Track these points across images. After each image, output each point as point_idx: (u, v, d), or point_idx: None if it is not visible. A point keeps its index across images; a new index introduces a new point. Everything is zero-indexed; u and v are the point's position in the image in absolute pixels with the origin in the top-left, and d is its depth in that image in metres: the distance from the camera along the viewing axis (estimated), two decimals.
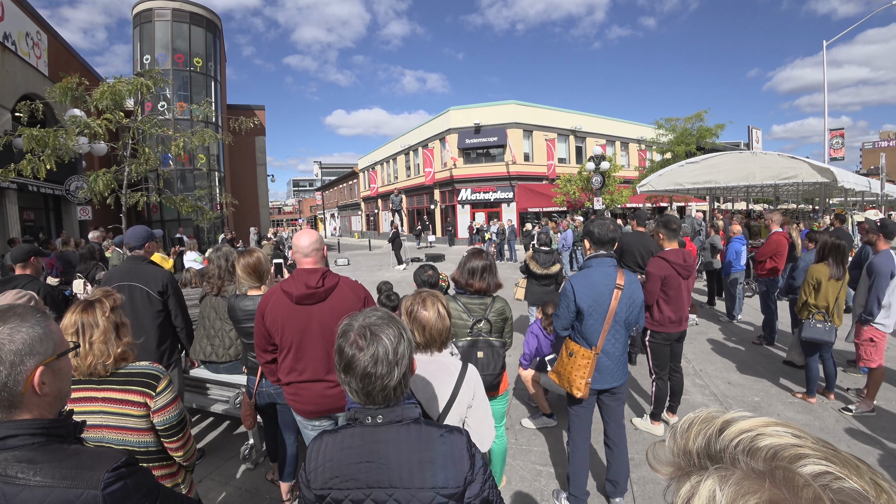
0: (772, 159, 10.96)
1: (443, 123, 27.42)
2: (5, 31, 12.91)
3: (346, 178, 50.92)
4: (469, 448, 1.23)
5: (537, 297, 5.62)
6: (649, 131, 23.62)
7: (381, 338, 1.20)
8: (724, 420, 0.54)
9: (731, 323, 7.47)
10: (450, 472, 1.17)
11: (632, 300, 2.82)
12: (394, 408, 1.22)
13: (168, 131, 11.24)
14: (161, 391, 1.77)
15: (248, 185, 29.66)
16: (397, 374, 1.19)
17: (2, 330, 0.93)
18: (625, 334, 2.88)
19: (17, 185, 12.29)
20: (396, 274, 14.90)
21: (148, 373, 1.78)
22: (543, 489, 3.25)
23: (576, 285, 2.76)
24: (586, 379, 2.79)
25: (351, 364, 1.18)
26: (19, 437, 0.92)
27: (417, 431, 1.21)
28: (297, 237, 2.43)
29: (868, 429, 3.93)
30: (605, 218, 2.98)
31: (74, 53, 18.06)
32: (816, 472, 0.45)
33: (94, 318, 1.77)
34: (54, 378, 1.00)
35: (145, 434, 1.76)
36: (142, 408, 1.73)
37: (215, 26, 24.75)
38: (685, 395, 4.68)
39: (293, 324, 2.32)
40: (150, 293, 3.29)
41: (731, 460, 0.50)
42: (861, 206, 18.02)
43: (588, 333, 2.79)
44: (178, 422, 1.81)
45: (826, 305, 4.27)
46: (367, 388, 1.18)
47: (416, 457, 1.17)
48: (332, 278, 2.38)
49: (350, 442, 1.20)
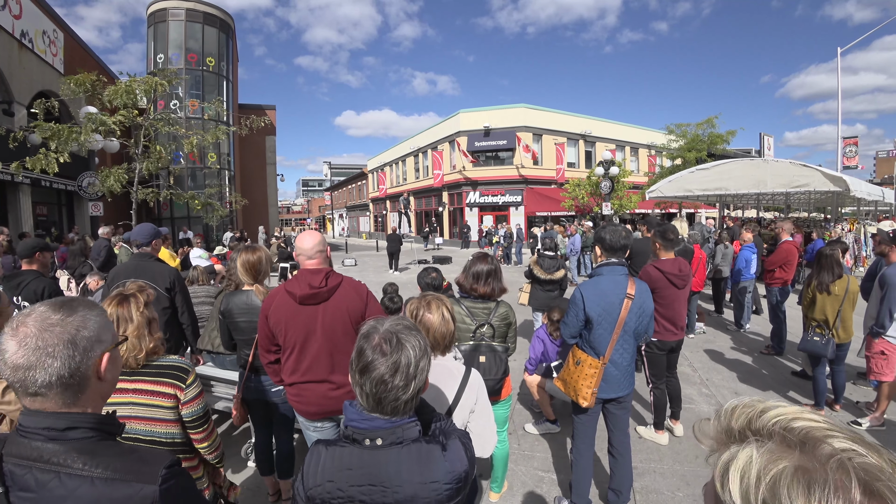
0: (783, 167, 10.84)
1: (453, 126, 27.45)
2: (23, 28, 13.12)
3: (355, 178, 51.12)
4: (467, 451, 1.25)
5: (541, 303, 5.59)
6: (659, 137, 23.51)
7: (405, 347, 1.16)
8: (765, 406, 0.63)
9: (739, 332, 7.37)
10: (453, 486, 1.18)
11: (642, 310, 2.78)
12: (394, 428, 1.17)
13: (180, 129, 11.36)
14: (190, 384, 1.86)
15: (258, 184, 29.86)
16: (413, 387, 1.16)
17: (75, 318, 0.97)
18: (633, 344, 2.84)
19: (30, 180, 12.46)
20: (402, 276, 14.90)
21: (178, 366, 1.87)
22: (545, 495, 3.22)
23: (585, 293, 2.73)
24: (592, 388, 2.75)
25: (369, 368, 1.15)
26: (81, 430, 0.95)
27: (418, 451, 1.17)
28: (300, 239, 2.42)
29: (878, 443, 3.86)
30: (617, 224, 2.96)
31: (90, 51, 18.31)
32: (842, 447, 0.53)
33: (129, 313, 1.85)
34: (113, 366, 1.06)
35: (172, 425, 1.84)
36: (172, 399, 1.80)
37: (228, 26, 24.98)
38: (691, 405, 4.64)
39: (297, 324, 2.32)
40: (158, 290, 3.31)
41: (768, 435, 0.58)
42: (874, 216, 17.76)
43: (596, 343, 2.75)
44: (203, 413, 1.90)
45: (824, 319, 4.23)
46: (380, 395, 1.15)
47: (419, 478, 1.14)
48: (335, 278, 2.38)
49: (349, 462, 1.17)
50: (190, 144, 10.74)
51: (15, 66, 12.81)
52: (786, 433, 0.56)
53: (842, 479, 0.50)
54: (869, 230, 11.60)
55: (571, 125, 28.10)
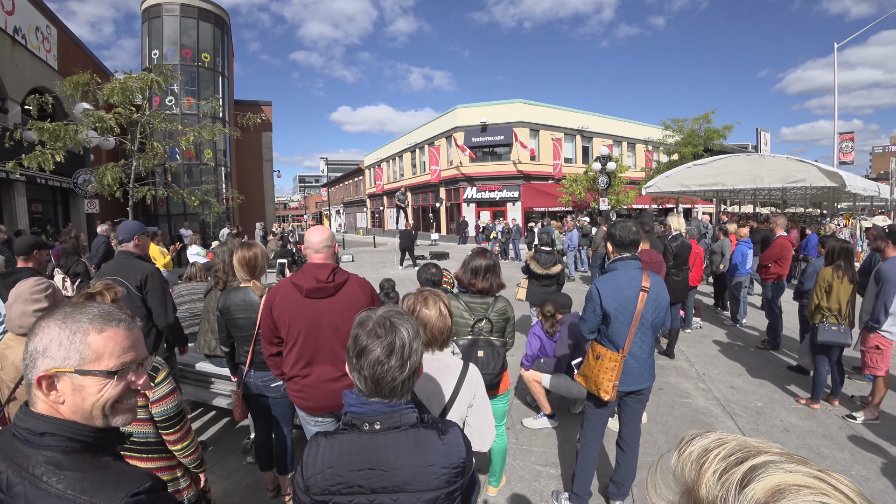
0: (780, 162, 10.88)
1: (449, 121, 27.39)
2: (15, 24, 12.99)
3: (351, 174, 50.99)
4: (464, 441, 1.28)
5: (538, 298, 5.61)
6: (656, 132, 23.50)
7: (399, 330, 1.22)
8: (750, 467, 0.43)
9: (735, 327, 7.42)
10: (450, 471, 1.21)
11: (658, 302, 2.81)
12: (392, 413, 1.21)
13: (177, 126, 11.29)
14: (159, 382, 1.81)
15: (255, 181, 29.76)
16: (408, 368, 1.21)
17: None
18: (651, 336, 2.87)
19: (25, 178, 12.37)
20: (400, 272, 14.90)
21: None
22: (543, 490, 3.24)
23: (601, 289, 2.76)
24: (613, 382, 2.78)
25: (365, 351, 1.19)
26: (57, 437, 0.90)
27: (416, 436, 1.21)
28: (309, 233, 2.45)
29: (872, 437, 3.90)
30: (627, 220, 2.98)
31: (84, 48, 18.14)
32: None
33: None
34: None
35: (144, 424, 1.81)
36: (140, 398, 1.74)
37: (223, 22, 24.80)
38: (687, 399, 4.68)
39: (301, 316, 2.33)
40: (130, 288, 3.23)
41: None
42: (870, 211, 17.85)
43: (615, 336, 2.78)
44: (176, 414, 1.85)
45: (838, 307, 4.29)
46: (378, 377, 1.19)
47: (417, 462, 1.18)
48: (341, 275, 2.40)
49: (349, 448, 1.20)
50: (186, 142, 10.69)
51: (8, 63, 12.68)
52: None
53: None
54: (864, 225, 11.67)
55: (568, 120, 28.07)
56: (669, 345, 5.91)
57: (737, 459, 0.44)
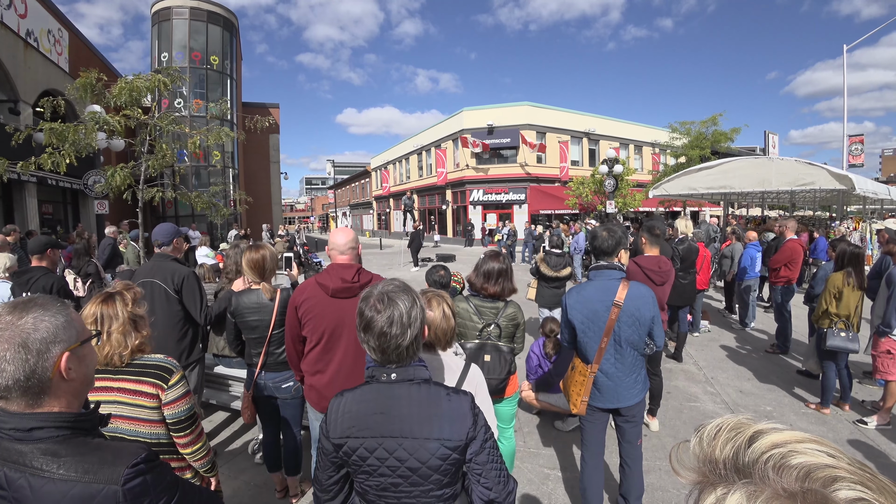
0: (789, 165, 10.79)
1: (456, 124, 27.42)
2: (28, 28, 13.17)
3: (358, 176, 51.16)
4: (472, 408, 1.36)
5: (547, 300, 5.61)
6: (663, 135, 23.39)
7: (396, 303, 1.35)
8: (755, 431, 0.52)
9: (743, 330, 7.36)
10: (455, 426, 1.31)
11: (635, 319, 2.57)
12: (406, 367, 1.37)
13: (185, 128, 11.38)
14: (173, 384, 1.79)
15: (262, 183, 29.92)
16: (410, 335, 1.34)
17: (26, 320, 0.94)
18: (632, 354, 2.64)
19: (36, 179, 12.52)
20: (407, 273, 14.93)
21: (161, 365, 1.81)
22: (551, 493, 3.24)
23: (569, 300, 2.67)
24: (582, 396, 2.67)
25: (370, 324, 1.34)
26: (46, 430, 0.94)
27: (427, 390, 1.36)
28: (333, 234, 2.48)
29: (884, 442, 3.86)
30: (612, 224, 2.90)
31: (95, 50, 18.36)
32: (850, 497, 0.43)
33: (115, 310, 1.81)
34: (80, 364, 1.03)
35: (157, 426, 1.79)
36: (153, 399, 1.75)
37: (232, 25, 25.01)
38: (696, 403, 4.65)
39: (326, 316, 2.35)
40: (168, 291, 3.27)
41: (760, 476, 0.48)
42: (880, 214, 17.66)
43: (583, 349, 2.68)
44: (188, 417, 1.82)
45: (848, 314, 4.24)
46: (383, 346, 1.33)
47: (425, 411, 1.31)
48: (366, 275, 2.43)
49: (367, 395, 1.36)
50: (193, 144, 10.77)
51: (20, 66, 12.86)
52: (782, 477, 0.46)
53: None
54: (875, 227, 11.55)
55: (575, 123, 28.03)
56: (677, 348, 5.88)
57: (745, 426, 0.54)
